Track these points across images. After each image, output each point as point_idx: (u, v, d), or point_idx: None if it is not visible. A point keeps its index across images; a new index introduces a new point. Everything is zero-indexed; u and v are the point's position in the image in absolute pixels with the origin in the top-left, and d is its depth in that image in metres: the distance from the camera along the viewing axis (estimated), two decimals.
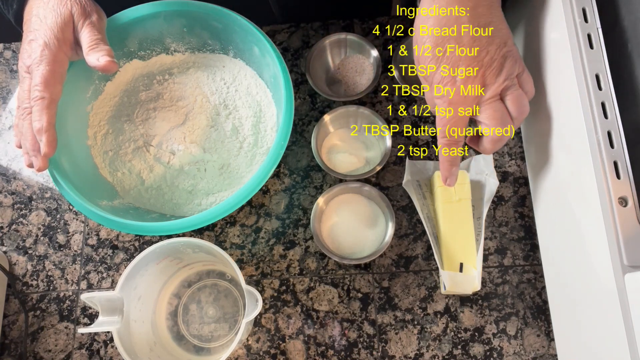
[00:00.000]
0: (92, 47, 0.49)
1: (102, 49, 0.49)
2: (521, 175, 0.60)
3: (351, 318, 0.56)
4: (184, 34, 0.61)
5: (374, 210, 0.58)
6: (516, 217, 0.58)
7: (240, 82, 0.61)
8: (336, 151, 0.60)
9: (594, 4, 0.44)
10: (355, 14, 0.67)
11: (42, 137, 0.47)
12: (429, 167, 0.59)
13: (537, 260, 0.56)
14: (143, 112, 0.60)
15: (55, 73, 0.48)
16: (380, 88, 0.64)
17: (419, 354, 0.55)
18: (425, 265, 0.57)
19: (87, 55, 0.49)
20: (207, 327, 0.57)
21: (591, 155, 0.41)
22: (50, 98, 0.47)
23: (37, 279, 0.60)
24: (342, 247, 0.57)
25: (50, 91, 0.47)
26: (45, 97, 0.47)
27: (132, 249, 0.60)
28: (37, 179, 0.64)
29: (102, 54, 0.49)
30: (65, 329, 0.58)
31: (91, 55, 0.49)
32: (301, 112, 0.64)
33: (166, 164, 0.58)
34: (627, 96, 0.44)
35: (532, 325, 0.55)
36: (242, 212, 0.60)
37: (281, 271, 0.58)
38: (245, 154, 0.58)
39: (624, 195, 0.40)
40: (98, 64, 0.48)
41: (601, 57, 0.43)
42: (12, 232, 0.62)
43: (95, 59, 0.49)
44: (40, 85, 0.47)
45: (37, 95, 0.47)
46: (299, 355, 0.56)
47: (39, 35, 0.48)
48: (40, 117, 0.47)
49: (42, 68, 0.47)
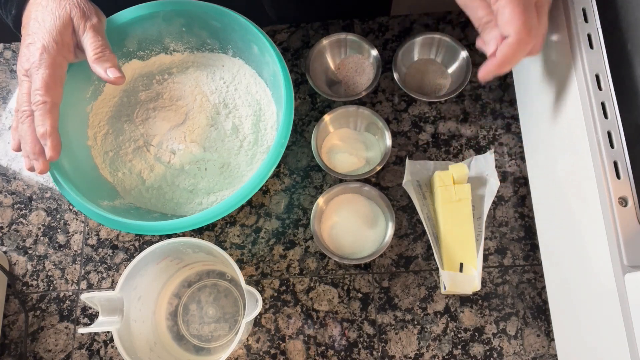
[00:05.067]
0: (98, 56, 0.49)
1: (108, 59, 0.50)
2: (521, 175, 0.60)
3: (351, 318, 0.56)
4: (183, 34, 0.61)
5: (374, 210, 0.58)
6: (516, 217, 0.58)
7: (239, 81, 0.61)
8: (336, 151, 0.60)
9: (594, 4, 0.44)
10: (355, 14, 0.66)
11: (46, 142, 0.47)
12: (429, 167, 0.59)
13: (537, 260, 0.56)
14: (143, 112, 0.60)
15: (55, 76, 0.48)
16: (380, 88, 0.64)
17: (419, 354, 0.55)
18: (425, 265, 0.57)
19: (93, 64, 0.49)
20: (207, 327, 0.57)
21: (591, 155, 0.41)
22: (52, 102, 0.47)
23: (37, 279, 0.60)
24: (342, 247, 0.57)
25: (52, 95, 0.47)
26: (47, 101, 0.47)
27: (132, 249, 0.60)
28: (37, 179, 0.64)
29: (109, 66, 0.49)
30: (65, 329, 0.58)
31: (98, 66, 0.49)
32: (301, 112, 0.64)
33: (166, 164, 0.58)
34: (627, 96, 0.44)
35: (532, 325, 0.55)
36: (242, 212, 0.60)
37: (281, 271, 0.58)
38: (246, 153, 0.58)
39: (624, 195, 0.40)
40: (106, 78, 0.49)
41: (601, 57, 0.43)
42: (12, 232, 0.62)
43: (103, 71, 0.49)
44: (41, 89, 0.47)
45: (38, 100, 0.47)
46: (299, 355, 0.56)
47: (37, 38, 0.48)
48: (43, 121, 0.47)
49: (41, 72, 0.47)
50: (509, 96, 0.62)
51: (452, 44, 0.61)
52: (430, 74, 0.63)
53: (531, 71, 0.56)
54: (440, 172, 0.55)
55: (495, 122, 0.62)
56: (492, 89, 0.62)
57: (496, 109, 0.62)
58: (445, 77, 0.63)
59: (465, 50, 0.60)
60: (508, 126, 0.61)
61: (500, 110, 0.62)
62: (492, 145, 0.61)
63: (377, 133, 0.60)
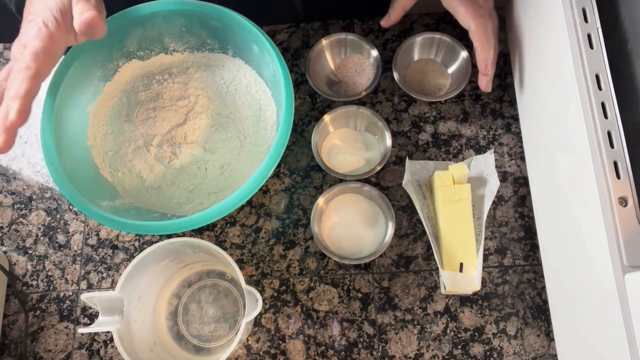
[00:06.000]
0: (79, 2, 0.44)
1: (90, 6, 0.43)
2: (521, 175, 0.60)
3: (351, 318, 0.56)
4: (183, 34, 0.61)
5: (374, 210, 0.58)
6: (516, 217, 0.58)
7: (239, 81, 0.61)
8: (336, 151, 0.60)
9: (594, 4, 0.44)
10: (355, 14, 0.66)
11: (13, 104, 0.41)
12: (429, 167, 0.59)
13: (537, 260, 0.56)
14: (143, 112, 0.60)
15: (48, 50, 0.44)
16: (380, 88, 0.64)
17: (419, 354, 0.55)
18: (425, 265, 0.57)
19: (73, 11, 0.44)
20: (207, 327, 0.57)
21: (591, 155, 0.41)
22: (36, 69, 0.42)
23: (37, 279, 0.60)
24: (342, 247, 0.57)
25: (39, 63, 0.43)
26: (31, 66, 0.42)
27: (132, 249, 0.60)
28: (37, 179, 0.64)
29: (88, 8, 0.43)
30: (65, 329, 0.58)
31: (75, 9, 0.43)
32: (301, 112, 0.64)
33: (167, 164, 0.58)
34: (627, 96, 0.44)
35: (532, 325, 0.55)
36: (242, 212, 0.60)
37: (281, 271, 0.58)
38: (246, 153, 0.58)
39: (624, 195, 0.40)
40: (81, 19, 0.42)
41: (601, 57, 0.43)
42: (12, 232, 0.62)
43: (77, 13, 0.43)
44: (30, 55, 0.42)
45: (21, 66, 0.42)
46: (299, 355, 0.56)
47: (37, 15, 0.45)
48: (19, 85, 0.42)
49: (35, 43, 0.43)
50: (509, 96, 0.62)
51: (452, 44, 0.61)
52: (430, 74, 0.63)
53: (531, 71, 0.56)
54: (440, 172, 0.55)
55: (495, 122, 0.62)
56: (492, 89, 0.62)
57: (496, 109, 0.62)
58: (445, 77, 0.63)
59: (465, 50, 0.60)
60: (508, 126, 0.61)
61: (500, 110, 0.62)
62: (492, 145, 0.61)
63: (377, 133, 0.60)
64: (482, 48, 0.56)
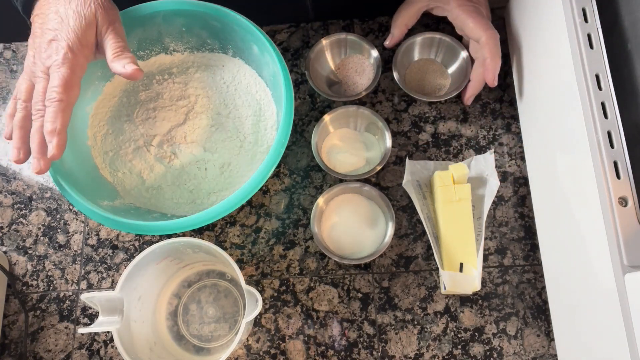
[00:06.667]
0: (117, 55, 0.48)
1: (127, 57, 0.49)
2: (521, 175, 0.60)
3: (351, 318, 0.56)
4: (183, 34, 0.61)
5: (374, 210, 0.58)
6: (516, 217, 0.58)
7: (239, 81, 0.61)
8: (336, 151, 0.60)
9: (594, 4, 0.44)
10: (355, 14, 0.66)
11: (52, 139, 0.46)
12: (429, 167, 0.59)
13: (537, 260, 0.56)
14: (143, 112, 0.60)
15: (75, 77, 0.47)
16: (380, 88, 0.64)
17: (419, 354, 0.55)
18: (425, 265, 0.57)
19: (112, 63, 0.49)
20: (207, 327, 0.57)
21: (591, 155, 0.41)
22: (68, 101, 0.46)
23: (37, 279, 0.60)
24: (342, 247, 0.57)
25: (69, 94, 0.47)
26: (64, 99, 0.46)
27: (132, 249, 0.60)
28: (37, 179, 0.64)
29: (128, 62, 0.48)
30: (65, 329, 0.58)
31: (116, 62, 0.48)
32: (301, 112, 0.64)
33: (167, 164, 0.58)
34: (627, 96, 0.44)
35: (532, 325, 0.55)
36: (242, 212, 0.60)
37: (281, 271, 0.58)
38: (246, 153, 0.58)
39: (624, 195, 0.40)
40: (124, 72, 0.48)
41: (601, 57, 0.43)
42: (12, 232, 0.62)
43: (121, 67, 0.48)
44: (60, 87, 0.46)
45: (54, 97, 0.46)
46: (299, 355, 0.56)
47: (61, 36, 0.47)
48: (54, 119, 0.46)
49: (63, 70, 0.46)
50: (509, 96, 0.62)
51: (452, 44, 0.61)
52: (430, 74, 0.63)
53: (531, 71, 0.56)
54: (440, 172, 0.55)
55: (495, 122, 0.62)
56: (492, 89, 0.62)
57: (496, 109, 0.62)
58: (445, 77, 0.63)
59: (465, 50, 0.60)
60: (508, 126, 0.61)
61: (500, 110, 0.62)
62: (492, 145, 0.61)
63: (377, 133, 0.60)
64: (492, 58, 0.56)
